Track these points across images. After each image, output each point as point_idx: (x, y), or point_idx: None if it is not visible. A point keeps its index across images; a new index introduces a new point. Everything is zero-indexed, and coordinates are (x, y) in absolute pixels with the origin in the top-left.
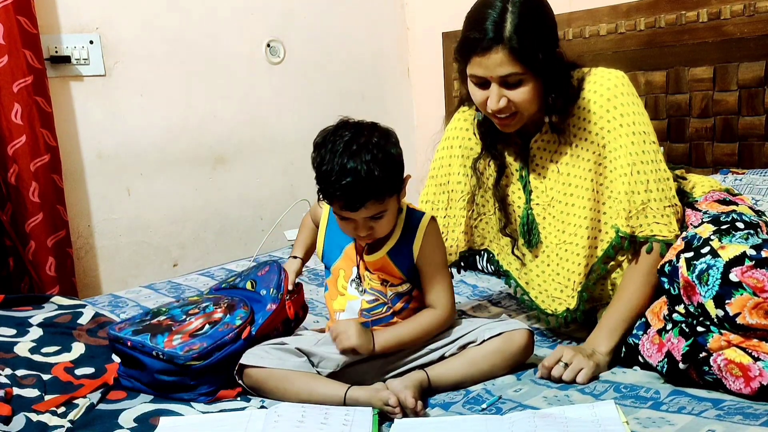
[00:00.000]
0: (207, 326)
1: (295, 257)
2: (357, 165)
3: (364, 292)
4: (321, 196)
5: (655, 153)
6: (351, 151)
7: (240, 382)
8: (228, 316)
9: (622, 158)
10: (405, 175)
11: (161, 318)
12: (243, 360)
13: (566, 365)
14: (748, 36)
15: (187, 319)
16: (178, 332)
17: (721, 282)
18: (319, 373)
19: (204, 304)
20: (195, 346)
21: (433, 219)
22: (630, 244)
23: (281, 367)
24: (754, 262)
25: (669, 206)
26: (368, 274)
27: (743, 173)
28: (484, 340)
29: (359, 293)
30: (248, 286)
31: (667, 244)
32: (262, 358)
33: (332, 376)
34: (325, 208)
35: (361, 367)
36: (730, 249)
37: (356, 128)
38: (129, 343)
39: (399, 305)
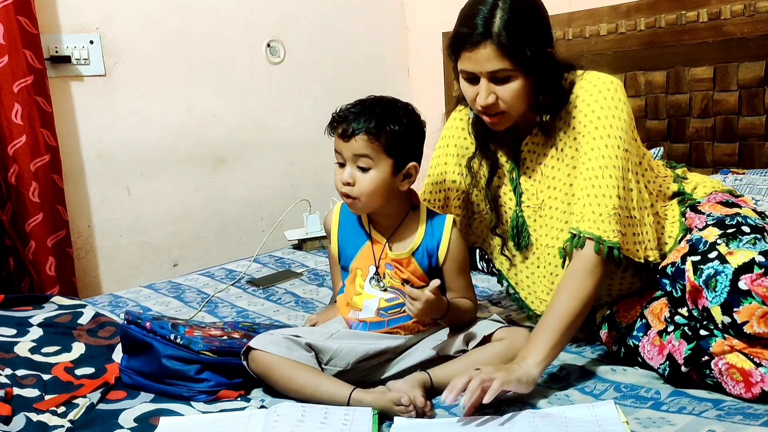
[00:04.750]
0: (226, 337)
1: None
2: (366, 103)
3: (385, 289)
4: (328, 127)
5: (626, 161)
6: (366, 101)
7: (245, 364)
8: (246, 339)
9: (593, 161)
10: (412, 163)
11: (178, 321)
12: (252, 343)
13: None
14: (748, 36)
15: (208, 327)
16: (198, 329)
17: (729, 289)
18: (327, 370)
19: (223, 325)
20: (215, 342)
21: (454, 221)
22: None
23: (288, 356)
24: (763, 270)
25: (628, 216)
26: (389, 271)
27: (743, 173)
28: (485, 336)
29: (379, 290)
30: None
31: (609, 246)
32: (272, 344)
33: (339, 371)
34: (336, 210)
35: (365, 364)
36: (739, 255)
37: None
38: (148, 324)
39: None
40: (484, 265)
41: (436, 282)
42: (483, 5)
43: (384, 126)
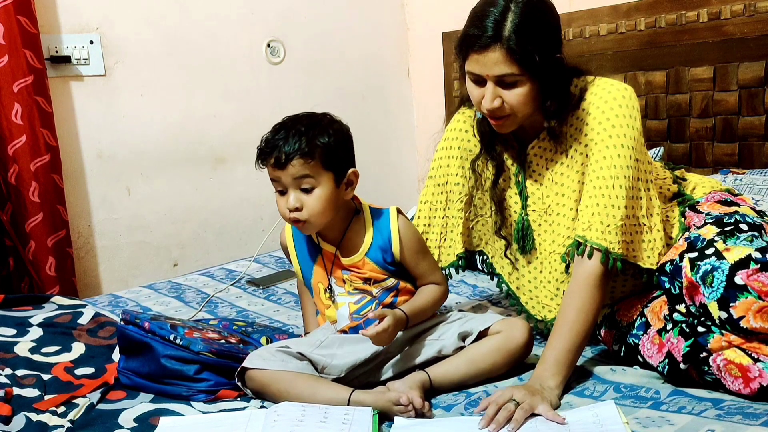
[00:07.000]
0: (223, 341)
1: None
2: (288, 125)
3: (348, 293)
4: (257, 161)
5: (636, 170)
6: (287, 124)
7: (240, 385)
8: (242, 345)
9: (605, 170)
10: (351, 170)
11: (176, 321)
12: (246, 363)
13: (517, 404)
14: (748, 36)
15: (205, 329)
16: (197, 331)
17: (726, 285)
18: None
19: (218, 328)
20: (214, 345)
21: (398, 210)
22: (621, 263)
23: (283, 368)
24: (759, 265)
25: (636, 225)
26: (346, 276)
27: (743, 173)
28: (480, 332)
29: (344, 298)
30: (263, 341)
31: (614, 258)
32: (265, 360)
33: (334, 379)
34: (287, 230)
35: (359, 371)
36: (735, 251)
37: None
38: (147, 325)
39: (388, 300)
40: (482, 266)
41: (378, 315)
42: (494, 7)
43: (314, 142)
